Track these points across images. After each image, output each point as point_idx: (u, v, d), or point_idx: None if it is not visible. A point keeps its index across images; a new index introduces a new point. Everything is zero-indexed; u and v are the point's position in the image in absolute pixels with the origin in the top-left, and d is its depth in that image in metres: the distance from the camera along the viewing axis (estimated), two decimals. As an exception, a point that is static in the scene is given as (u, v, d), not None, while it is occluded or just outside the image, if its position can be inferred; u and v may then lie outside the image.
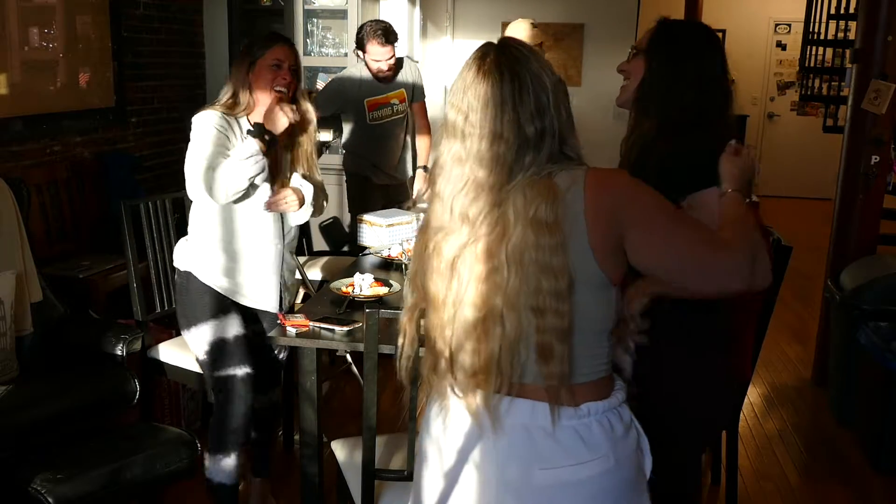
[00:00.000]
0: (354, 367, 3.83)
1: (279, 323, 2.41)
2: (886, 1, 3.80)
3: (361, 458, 2.08)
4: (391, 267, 3.04)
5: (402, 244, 3.16)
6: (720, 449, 3.11)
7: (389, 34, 4.02)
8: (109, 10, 4.39)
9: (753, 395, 4.06)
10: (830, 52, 7.28)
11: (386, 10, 5.27)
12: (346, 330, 2.36)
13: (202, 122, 2.52)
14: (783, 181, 9.12)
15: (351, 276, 2.76)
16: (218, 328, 2.61)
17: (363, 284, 2.67)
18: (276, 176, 2.61)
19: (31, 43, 3.94)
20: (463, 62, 1.46)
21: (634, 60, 1.96)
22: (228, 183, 2.45)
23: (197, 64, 5.32)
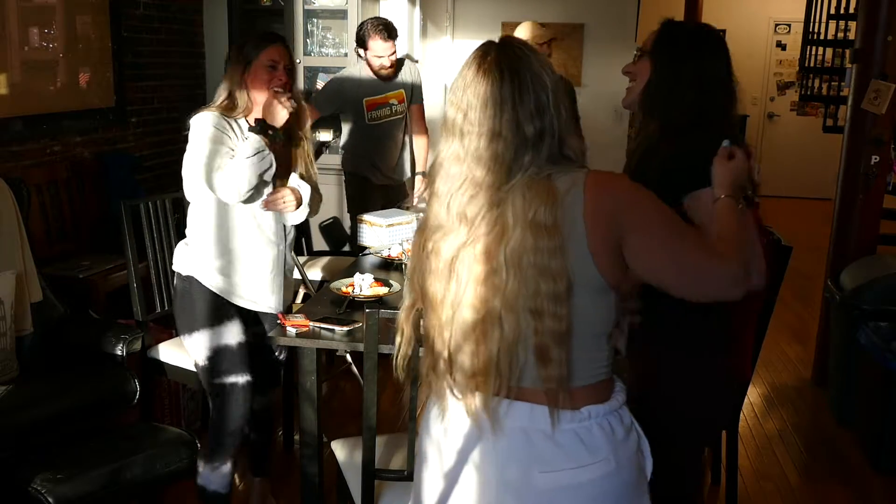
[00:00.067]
0: (354, 367, 3.83)
1: (279, 323, 2.42)
2: (886, 1, 3.80)
3: (361, 458, 2.08)
4: (391, 267, 3.04)
5: (402, 244, 3.16)
6: (720, 449, 3.11)
7: (391, 30, 4.03)
8: (109, 10, 4.39)
9: (753, 395, 4.06)
10: (830, 52, 7.27)
11: (386, 10, 5.27)
12: (346, 330, 2.36)
13: (202, 123, 2.49)
14: (783, 181, 9.12)
15: (351, 276, 2.76)
16: (218, 335, 2.57)
17: (363, 284, 2.67)
18: (282, 171, 2.58)
19: (31, 43, 3.94)
20: (463, 62, 1.46)
21: (640, 62, 1.96)
22: (240, 181, 2.42)
23: (197, 64, 5.32)
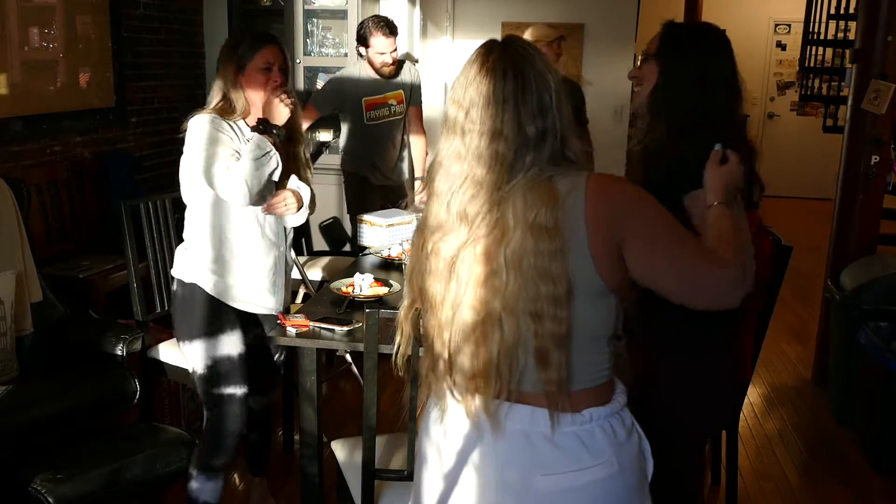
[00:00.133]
0: (354, 367, 3.84)
1: (279, 323, 2.41)
2: (886, 1, 3.81)
3: (361, 458, 2.08)
4: (391, 267, 3.04)
5: (402, 244, 3.16)
6: (720, 449, 3.12)
7: (392, 26, 4.06)
8: (109, 10, 4.39)
9: (753, 395, 4.06)
10: (830, 52, 7.28)
11: (386, 9, 5.26)
12: (346, 330, 2.36)
13: (202, 126, 2.44)
14: (783, 181, 9.12)
15: (351, 276, 2.76)
16: (218, 345, 2.53)
17: (363, 284, 2.67)
18: (283, 173, 2.55)
19: (31, 43, 3.94)
20: (465, 60, 1.45)
21: (645, 66, 1.95)
22: (250, 183, 2.38)
23: (197, 64, 5.32)
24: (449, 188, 1.41)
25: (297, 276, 3.72)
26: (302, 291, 3.82)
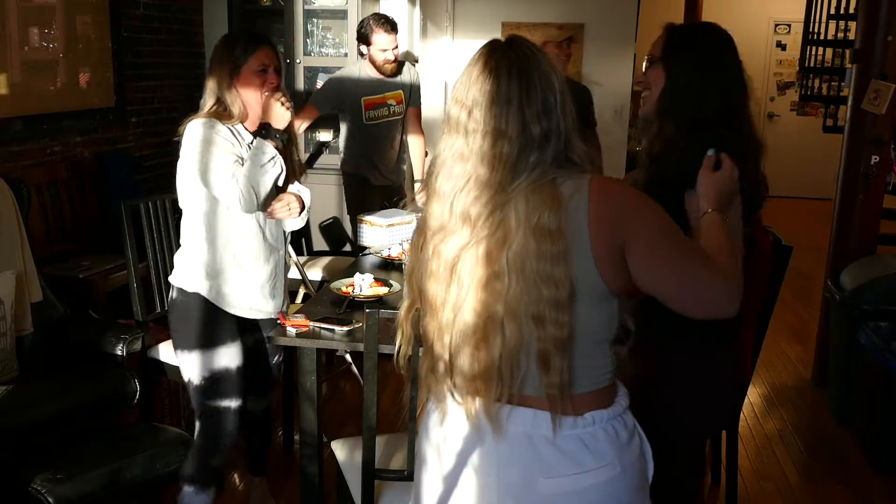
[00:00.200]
0: (354, 367, 3.84)
1: (279, 323, 2.41)
2: (886, 1, 3.80)
3: (361, 458, 2.08)
4: (391, 267, 3.04)
5: (402, 244, 3.17)
6: (720, 449, 3.12)
7: (393, 23, 4.08)
8: (109, 10, 4.39)
9: (753, 395, 4.06)
10: (830, 52, 7.28)
11: (386, 9, 5.25)
12: (346, 330, 2.36)
13: (202, 132, 2.38)
14: (783, 181, 9.10)
15: (351, 276, 2.76)
16: (216, 357, 2.49)
17: (363, 284, 2.67)
18: (289, 175, 2.52)
19: (31, 43, 3.94)
20: (465, 60, 1.43)
21: (651, 71, 1.93)
22: (258, 190, 2.36)
23: (197, 64, 5.31)
24: (452, 189, 1.39)
25: (297, 276, 3.73)
26: (302, 291, 3.82)
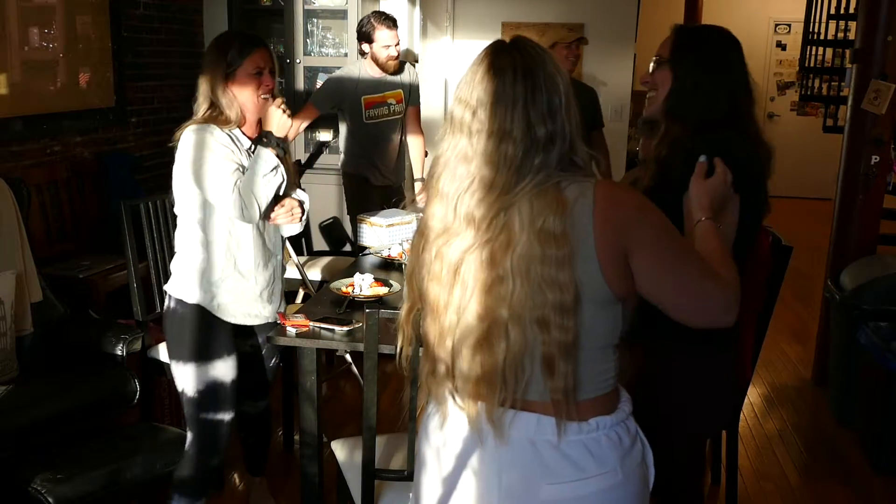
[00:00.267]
0: (354, 367, 3.84)
1: (279, 323, 2.41)
2: (886, 1, 3.81)
3: (361, 458, 2.08)
4: (391, 267, 3.04)
5: (402, 244, 3.16)
6: (720, 449, 3.12)
7: (394, 19, 4.12)
8: (109, 10, 4.39)
9: (753, 395, 4.06)
10: (830, 52, 7.28)
11: (385, 9, 5.26)
12: (346, 330, 2.36)
13: (201, 140, 2.33)
14: (783, 181, 9.09)
15: (351, 276, 2.76)
16: (211, 370, 2.45)
17: (363, 284, 2.67)
18: (290, 184, 2.48)
19: (31, 43, 3.94)
20: (465, 60, 1.43)
21: (658, 71, 1.92)
22: (262, 201, 2.33)
23: (197, 64, 5.23)
24: (456, 190, 1.38)
25: (297, 276, 3.73)
26: (302, 291, 3.82)
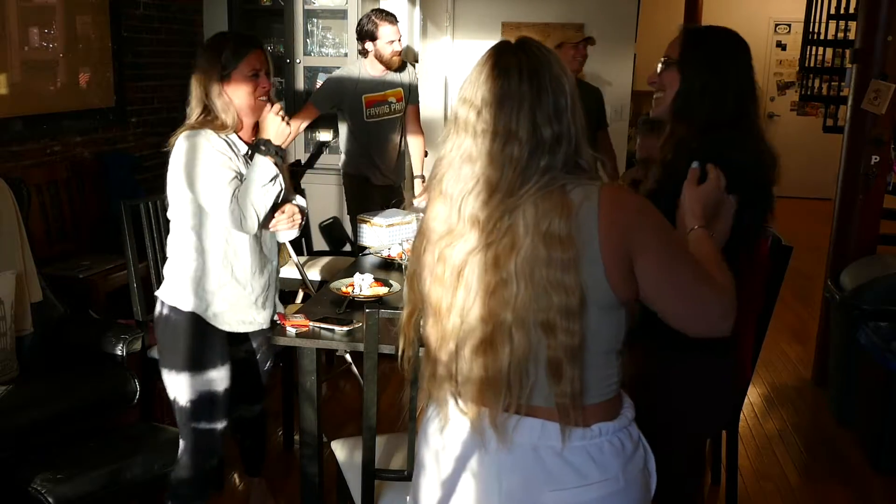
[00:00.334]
0: (354, 367, 3.84)
1: (279, 323, 2.41)
2: (886, 1, 3.81)
3: (361, 458, 2.08)
4: (391, 267, 3.04)
5: (402, 244, 3.17)
6: (720, 449, 3.11)
7: (394, 15, 4.17)
8: (109, 10, 4.39)
9: (753, 395, 4.06)
10: (830, 52, 7.28)
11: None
12: (346, 330, 2.36)
13: (198, 143, 2.28)
14: (783, 181, 9.07)
15: (351, 276, 2.76)
16: (204, 380, 2.41)
17: (363, 284, 2.67)
18: (288, 190, 2.45)
19: (31, 43, 3.94)
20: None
21: (667, 72, 1.92)
22: (260, 211, 2.29)
23: (197, 64, 5.30)
24: (460, 191, 1.36)
25: (297, 276, 3.73)
26: (302, 291, 3.82)
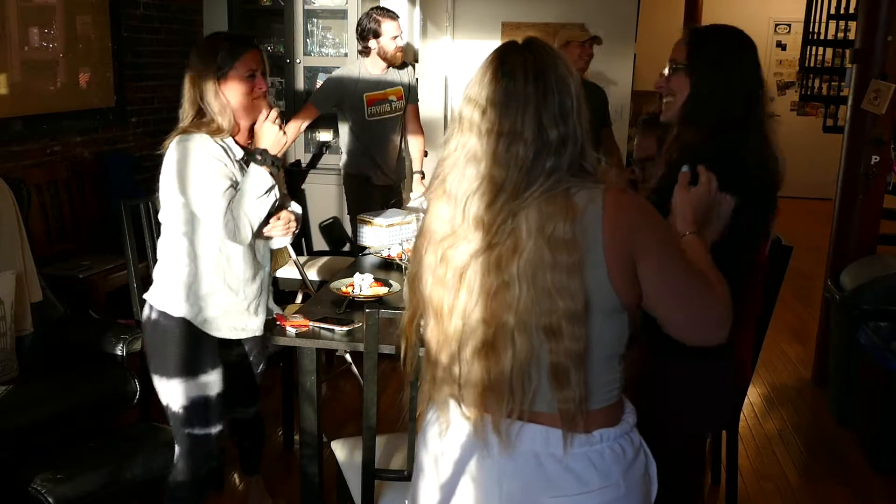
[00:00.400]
0: (354, 367, 3.84)
1: (278, 323, 2.41)
2: (886, 1, 3.81)
3: (361, 458, 2.08)
4: (391, 267, 3.04)
5: (401, 244, 3.17)
6: (720, 449, 3.11)
7: (393, 11, 4.21)
8: (109, 10, 4.39)
9: (753, 395, 4.06)
10: (830, 52, 7.27)
11: (385, 10, 5.28)
12: (346, 330, 2.36)
13: (193, 149, 2.24)
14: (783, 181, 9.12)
15: (351, 276, 2.76)
16: (197, 386, 2.35)
17: (363, 284, 2.67)
18: (283, 198, 2.40)
19: (31, 43, 3.94)
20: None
21: (675, 77, 1.91)
22: (254, 223, 2.25)
23: (197, 64, 5.30)
24: (465, 191, 1.35)
25: (297, 276, 3.73)
26: (302, 291, 3.82)
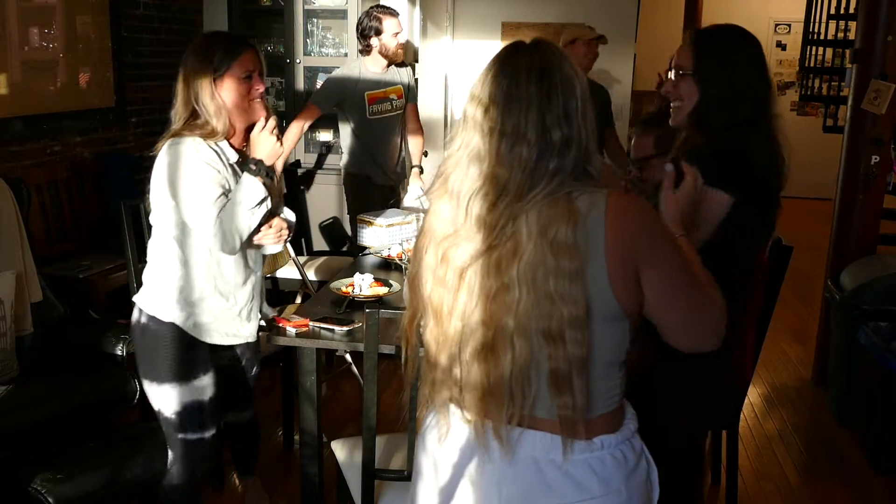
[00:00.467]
0: (354, 367, 3.83)
1: (278, 324, 2.41)
2: (886, 1, 3.81)
3: (361, 458, 2.08)
4: (391, 267, 3.04)
5: (401, 244, 3.17)
6: (720, 449, 3.11)
7: (393, 8, 4.24)
8: (109, 10, 4.39)
9: (753, 395, 4.06)
10: (830, 52, 7.27)
11: (385, 9, 5.28)
12: (345, 330, 2.36)
13: (186, 153, 2.20)
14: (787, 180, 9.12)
15: (351, 276, 2.76)
16: (189, 391, 2.33)
17: (363, 284, 2.67)
18: (273, 201, 2.35)
19: (31, 43, 3.94)
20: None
21: (682, 83, 1.91)
22: (244, 234, 2.22)
23: (197, 64, 5.30)
24: (468, 191, 1.34)
25: (297, 276, 3.73)
26: (302, 291, 3.82)
